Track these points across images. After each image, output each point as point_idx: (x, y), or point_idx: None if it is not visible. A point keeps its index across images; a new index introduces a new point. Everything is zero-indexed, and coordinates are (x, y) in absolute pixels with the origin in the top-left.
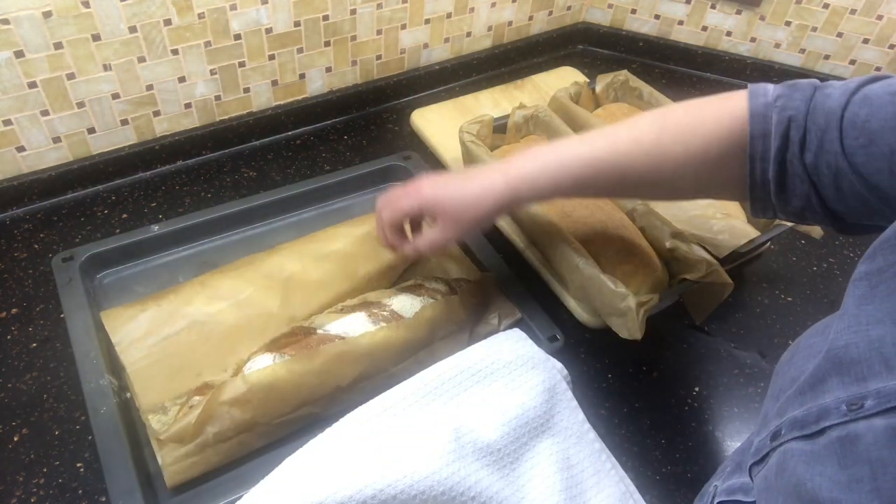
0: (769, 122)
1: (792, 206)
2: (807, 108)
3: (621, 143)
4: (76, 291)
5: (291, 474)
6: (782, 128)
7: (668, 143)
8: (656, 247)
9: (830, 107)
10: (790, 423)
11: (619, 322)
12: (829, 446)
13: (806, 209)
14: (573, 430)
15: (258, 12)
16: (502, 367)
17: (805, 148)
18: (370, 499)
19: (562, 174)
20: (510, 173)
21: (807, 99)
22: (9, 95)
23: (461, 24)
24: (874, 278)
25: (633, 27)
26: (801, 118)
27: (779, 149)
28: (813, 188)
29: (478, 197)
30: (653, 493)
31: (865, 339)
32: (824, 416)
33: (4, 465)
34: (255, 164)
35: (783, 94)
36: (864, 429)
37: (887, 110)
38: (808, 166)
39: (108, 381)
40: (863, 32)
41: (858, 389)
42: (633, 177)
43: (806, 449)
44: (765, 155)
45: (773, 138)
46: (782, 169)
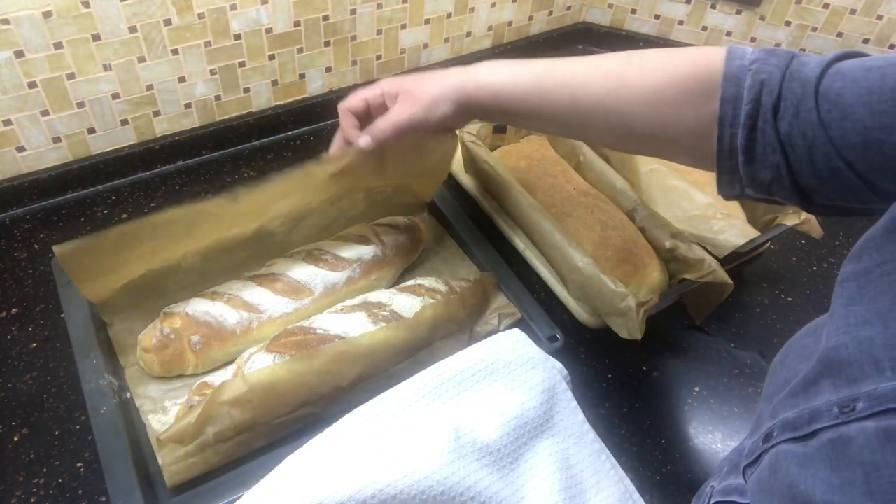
0: (742, 84)
1: (760, 176)
2: (782, 75)
3: (579, 64)
4: (76, 291)
5: (291, 474)
6: (754, 92)
7: (628, 73)
8: (656, 247)
9: (806, 75)
10: (782, 425)
11: (619, 322)
12: (821, 449)
13: (774, 181)
14: (573, 430)
15: (258, 12)
16: (502, 368)
17: (779, 115)
18: (370, 499)
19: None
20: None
21: (783, 66)
22: (9, 95)
23: (461, 24)
24: (861, 279)
25: (633, 27)
26: (776, 84)
27: (749, 114)
28: (784, 158)
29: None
30: (653, 493)
31: (855, 341)
32: (816, 418)
33: (4, 465)
34: (255, 164)
35: (759, 59)
36: (856, 431)
37: (861, 85)
38: (782, 135)
39: (107, 380)
40: (863, 32)
41: (850, 392)
42: (588, 100)
43: (798, 451)
44: (734, 120)
45: (744, 102)
46: (752, 136)
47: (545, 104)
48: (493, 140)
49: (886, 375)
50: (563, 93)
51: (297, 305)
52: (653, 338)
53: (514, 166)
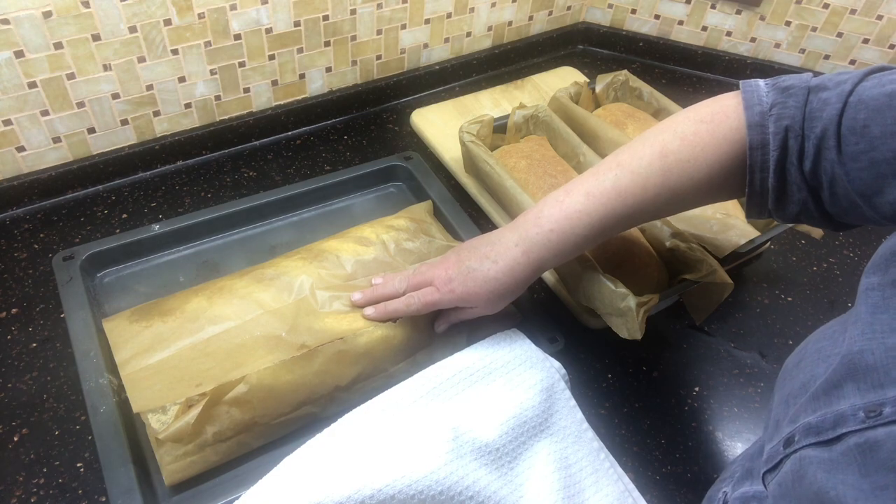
0: (766, 131)
1: (788, 211)
2: (802, 115)
3: (628, 193)
4: (76, 290)
5: (289, 474)
6: (780, 138)
7: (673, 182)
8: (656, 247)
9: (828, 114)
10: (804, 430)
11: (619, 322)
12: (848, 453)
13: (802, 213)
14: (571, 429)
15: (258, 12)
16: (501, 367)
17: (803, 156)
18: (368, 498)
19: (580, 237)
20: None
21: (801, 105)
22: (9, 95)
23: (461, 24)
24: (887, 290)
25: (633, 27)
26: (798, 127)
27: (778, 159)
28: (810, 194)
29: (505, 279)
30: (653, 493)
31: (882, 347)
32: (841, 422)
33: (4, 465)
34: (255, 164)
35: (777, 102)
36: (884, 436)
37: (886, 115)
38: (807, 174)
39: (107, 380)
40: (863, 32)
41: (876, 396)
42: (643, 218)
43: (823, 456)
44: (764, 165)
45: (771, 148)
46: (781, 177)
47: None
48: (493, 140)
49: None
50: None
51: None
52: (653, 338)
53: (514, 166)
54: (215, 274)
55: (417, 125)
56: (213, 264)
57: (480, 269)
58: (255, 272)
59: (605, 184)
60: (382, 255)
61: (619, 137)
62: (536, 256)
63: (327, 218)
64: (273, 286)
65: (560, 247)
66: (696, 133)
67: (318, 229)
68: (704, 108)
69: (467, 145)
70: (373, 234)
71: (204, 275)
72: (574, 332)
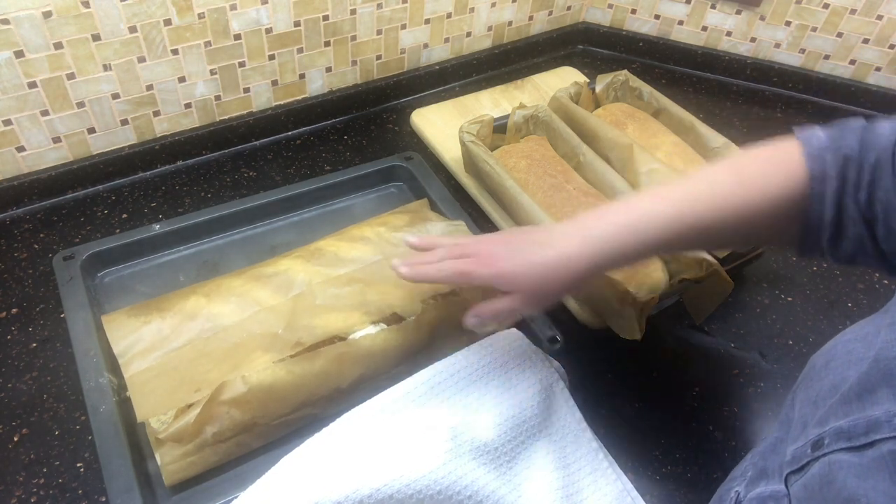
0: (826, 163)
1: (843, 248)
2: (859, 147)
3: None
4: (77, 290)
5: (286, 474)
6: (838, 168)
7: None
8: None
9: (883, 144)
10: (835, 434)
11: (619, 322)
12: (880, 460)
13: (857, 253)
14: (570, 428)
15: (258, 12)
16: (500, 367)
17: (861, 187)
18: (367, 498)
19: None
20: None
21: (858, 138)
22: (9, 95)
23: (461, 24)
24: None
25: (633, 27)
26: (856, 156)
27: (836, 190)
28: (867, 229)
29: (562, 267)
30: (653, 493)
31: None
32: (874, 428)
33: (4, 465)
34: (255, 164)
35: (835, 137)
36: None
37: None
38: (862, 205)
39: (107, 379)
40: (863, 32)
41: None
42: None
43: (854, 461)
44: (821, 197)
45: (830, 179)
46: (839, 211)
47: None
48: (493, 140)
49: None
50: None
51: None
52: (653, 338)
53: (514, 166)
54: (215, 274)
55: (417, 125)
56: (213, 264)
57: (530, 251)
58: (253, 270)
59: (677, 190)
60: (381, 250)
61: (619, 137)
62: (595, 251)
63: (327, 218)
64: (271, 283)
65: (621, 246)
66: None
67: (318, 229)
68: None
69: (467, 145)
70: (370, 232)
71: (204, 275)
72: (574, 332)
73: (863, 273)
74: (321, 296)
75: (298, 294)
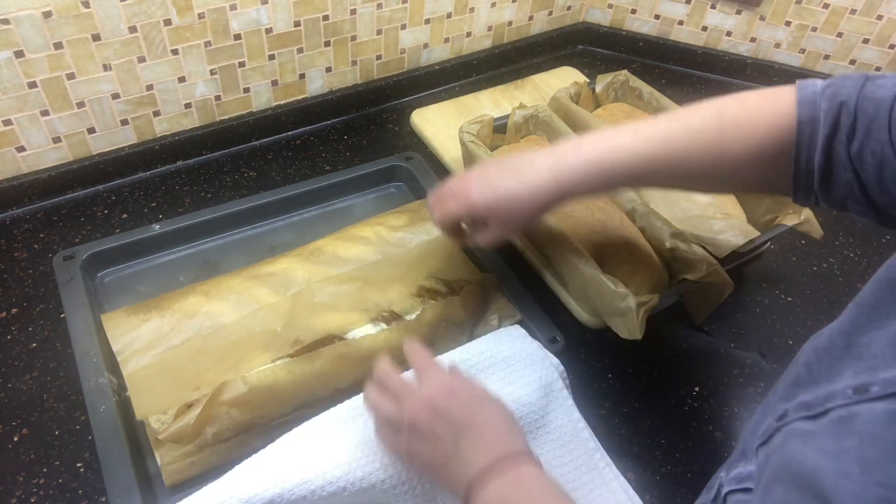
0: (818, 108)
1: (835, 194)
2: (857, 96)
3: (677, 140)
4: (77, 290)
5: (277, 456)
6: (833, 113)
7: (725, 142)
8: (656, 247)
9: (882, 96)
10: (797, 406)
11: (619, 322)
12: (829, 424)
13: (848, 198)
14: (567, 428)
15: (258, 12)
16: (500, 362)
17: (853, 136)
18: (349, 485)
19: (615, 171)
20: (560, 175)
21: (858, 87)
22: (9, 95)
23: (461, 24)
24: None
25: (633, 27)
26: (852, 104)
27: (827, 135)
28: (856, 177)
29: (527, 198)
30: (653, 493)
31: (886, 336)
32: (830, 398)
33: (4, 465)
34: (255, 164)
35: (833, 83)
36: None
37: None
38: (853, 154)
39: (107, 379)
40: (863, 32)
41: (868, 377)
42: (689, 175)
43: (808, 428)
44: (811, 142)
45: (821, 124)
46: (828, 156)
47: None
48: (493, 140)
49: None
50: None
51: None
52: (653, 338)
53: None
54: (215, 274)
55: (417, 125)
56: (213, 264)
57: (504, 185)
58: (252, 269)
59: (657, 128)
60: (380, 249)
61: None
62: (566, 180)
63: (327, 218)
64: (270, 282)
65: (594, 177)
66: (756, 103)
67: (318, 229)
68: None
69: (467, 145)
70: (370, 232)
71: (204, 274)
72: (574, 332)
73: (863, 273)
74: (320, 294)
75: (297, 292)
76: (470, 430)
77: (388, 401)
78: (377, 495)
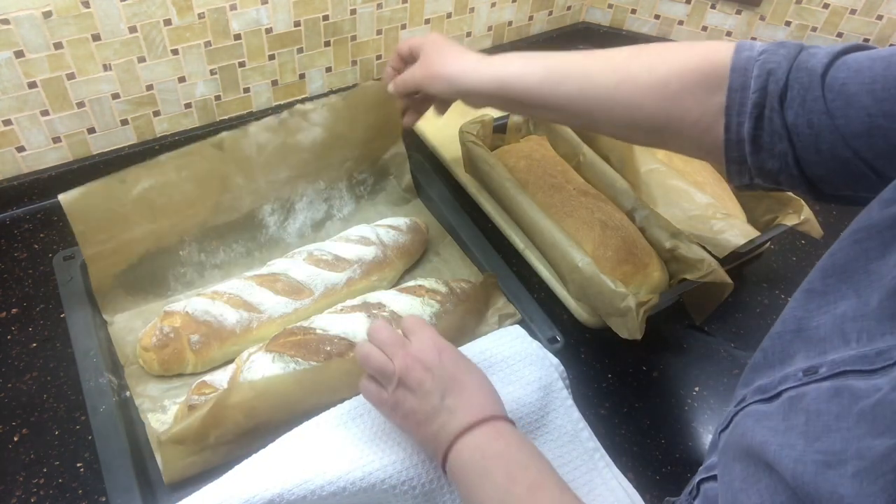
0: (749, 74)
1: (768, 165)
2: (789, 65)
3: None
4: (77, 289)
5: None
6: (761, 81)
7: (635, 66)
8: (656, 247)
9: (813, 66)
10: (755, 390)
11: (619, 322)
12: (781, 405)
13: (782, 171)
14: (567, 428)
15: (258, 12)
16: (500, 362)
17: (785, 104)
18: (350, 485)
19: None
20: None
21: (791, 56)
22: (9, 95)
23: (461, 24)
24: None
25: (633, 27)
26: (783, 73)
27: (756, 102)
28: (791, 147)
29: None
30: (653, 493)
31: (832, 319)
32: (783, 381)
33: (4, 465)
34: None
35: (768, 50)
36: (812, 389)
37: (865, 74)
38: (789, 123)
39: (107, 379)
40: (863, 32)
41: (818, 360)
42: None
43: (762, 409)
44: (741, 108)
45: (750, 90)
46: (759, 125)
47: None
48: (493, 140)
49: (851, 346)
50: (571, 85)
51: (297, 305)
52: (653, 338)
53: (513, 166)
54: (216, 273)
55: (417, 125)
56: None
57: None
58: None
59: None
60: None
61: None
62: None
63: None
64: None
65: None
66: (681, 43)
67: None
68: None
69: (467, 145)
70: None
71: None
72: (574, 332)
73: None
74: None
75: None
76: (457, 387)
77: (380, 352)
78: (377, 495)
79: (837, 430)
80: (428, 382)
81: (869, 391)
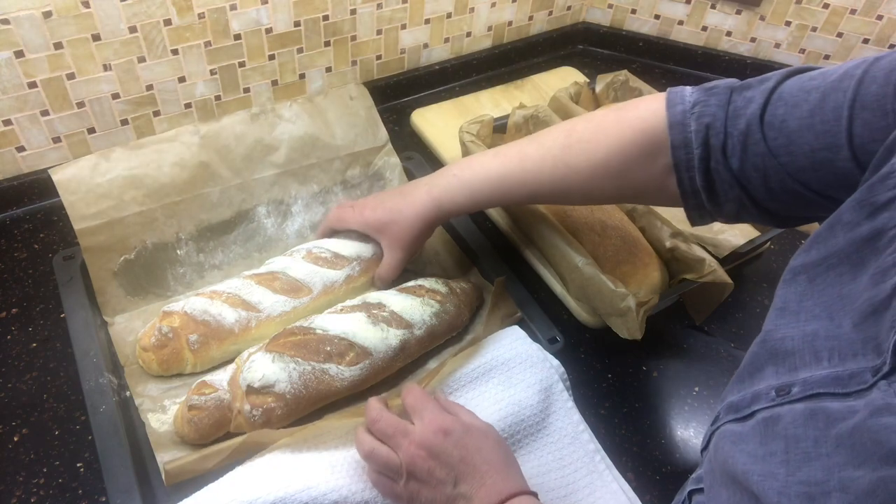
0: (688, 129)
1: (726, 209)
2: (725, 114)
3: (529, 160)
4: (77, 289)
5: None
6: (701, 136)
7: (571, 157)
8: (656, 247)
9: (752, 110)
10: (727, 408)
11: (619, 322)
12: (756, 427)
13: (741, 211)
14: (567, 430)
15: (258, 12)
16: (500, 365)
17: (728, 154)
18: (360, 491)
19: (477, 189)
20: (433, 193)
21: (723, 104)
22: (9, 95)
23: (461, 24)
24: (811, 271)
25: (633, 27)
26: (720, 125)
27: (701, 157)
28: (743, 192)
29: (410, 218)
30: (653, 493)
31: (801, 333)
32: (755, 400)
33: (4, 465)
34: None
35: (699, 101)
36: (787, 411)
37: (802, 109)
38: (736, 172)
39: (107, 379)
40: (863, 32)
41: (789, 378)
42: (544, 191)
43: (736, 430)
44: (689, 164)
45: (693, 147)
46: (709, 177)
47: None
48: (493, 140)
49: (823, 364)
50: (522, 192)
51: (295, 304)
52: (653, 338)
53: None
54: (215, 273)
55: (417, 125)
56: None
57: (390, 203)
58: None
59: (513, 149)
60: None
61: None
62: (439, 197)
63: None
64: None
65: (461, 192)
66: (604, 117)
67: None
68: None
69: (467, 145)
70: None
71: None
72: (574, 332)
73: None
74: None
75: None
76: (468, 470)
77: (383, 446)
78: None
79: (817, 457)
80: (437, 471)
81: (844, 413)
